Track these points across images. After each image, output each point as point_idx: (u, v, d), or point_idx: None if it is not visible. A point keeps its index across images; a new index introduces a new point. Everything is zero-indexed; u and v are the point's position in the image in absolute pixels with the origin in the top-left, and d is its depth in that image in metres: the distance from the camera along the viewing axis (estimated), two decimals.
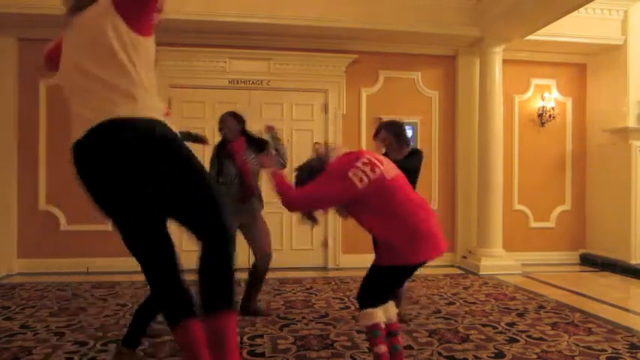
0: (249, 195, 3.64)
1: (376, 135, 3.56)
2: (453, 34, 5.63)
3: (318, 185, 2.30)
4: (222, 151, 3.73)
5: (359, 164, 2.28)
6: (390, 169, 2.36)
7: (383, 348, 2.32)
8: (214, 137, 4.11)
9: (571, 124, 6.40)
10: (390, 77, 5.98)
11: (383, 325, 2.36)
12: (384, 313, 2.39)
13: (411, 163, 3.33)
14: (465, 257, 5.92)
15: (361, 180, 2.24)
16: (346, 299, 4.24)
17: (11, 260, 5.29)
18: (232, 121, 3.73)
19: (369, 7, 5.33)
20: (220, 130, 3.75)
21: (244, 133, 3.77)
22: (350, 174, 2.25)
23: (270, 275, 3.97)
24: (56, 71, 1.92)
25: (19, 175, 5.36)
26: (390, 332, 2.43)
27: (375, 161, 2.33)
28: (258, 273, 3.75)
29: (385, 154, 3.57)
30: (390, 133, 3.46)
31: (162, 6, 1.85)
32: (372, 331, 2.35)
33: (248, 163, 3.64)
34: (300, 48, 5.60)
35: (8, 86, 5.30)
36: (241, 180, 3.62)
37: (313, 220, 2.60)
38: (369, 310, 2.37)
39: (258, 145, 3.72)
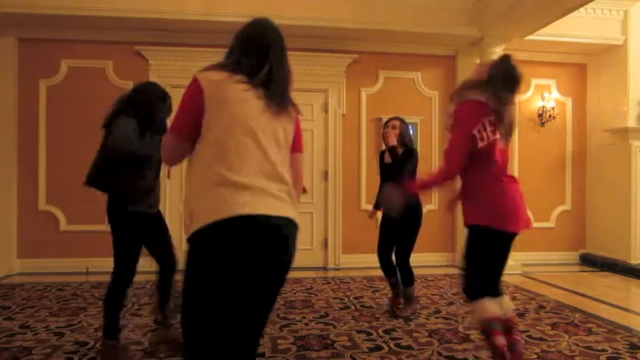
0: None
1: (388, 122, 3.82)
2: (453, 34, 5.62)
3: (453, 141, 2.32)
4: None
5: (485, 121, 2.28)
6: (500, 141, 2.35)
7: (501, 340, 2.26)
8: None
9: (571, 124, 6.40)
10: (390, 77, 5.98)
11: (499, 316, 2.30)
12: (499, 307, 2.33)
13: (413, 164, 3.66)
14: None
15: (482, 139, 2.28)
16: (346, 299, 4.24)
17: (11, 260, 5.29)
18: None
19: (369, 7, 5.33)
20: None
21: None
22: (474, 130, 2.27)
23: None
24: None
25: (19, 175, 5.36)
26: (506, 328, 2.35)
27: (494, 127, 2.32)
28: None
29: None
30: (403, 127, 3.78)
31: None
32: (490, 324, 2.28)
33: None
34: (300, 48, 5.59)
35: (8, 86, 5.29)
36: None
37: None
38: (481, 301, 2.29)
39: None
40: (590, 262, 6.13)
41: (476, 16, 5.53)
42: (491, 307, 2.31)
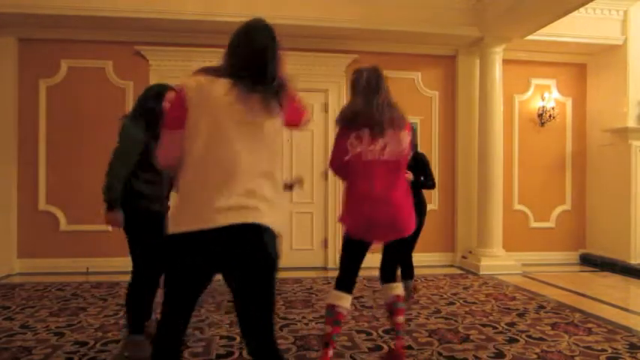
0: None
1: None
2: (453, 34, 5.62)
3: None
4: None
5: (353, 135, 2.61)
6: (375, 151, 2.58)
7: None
8: None
9: (571, 124, 6.40)
10: (390, 77, 5.88)
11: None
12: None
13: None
14: (465, 257, 5.91)
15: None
16: None
17: (11, 260, 5.29)
18: None
19: (369, 7, 5.33)
20: None
21: None
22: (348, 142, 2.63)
23: None
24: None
25: (19, 174, 5.36)
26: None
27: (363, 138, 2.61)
28: None
29: None
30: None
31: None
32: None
33: None
34: (300, 48, 5.58)
35: (8, 86, 5.29)
36: None
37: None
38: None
39: None
40: (590, 262, 6.13)
41: (476, 16, 5.53)
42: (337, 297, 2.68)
